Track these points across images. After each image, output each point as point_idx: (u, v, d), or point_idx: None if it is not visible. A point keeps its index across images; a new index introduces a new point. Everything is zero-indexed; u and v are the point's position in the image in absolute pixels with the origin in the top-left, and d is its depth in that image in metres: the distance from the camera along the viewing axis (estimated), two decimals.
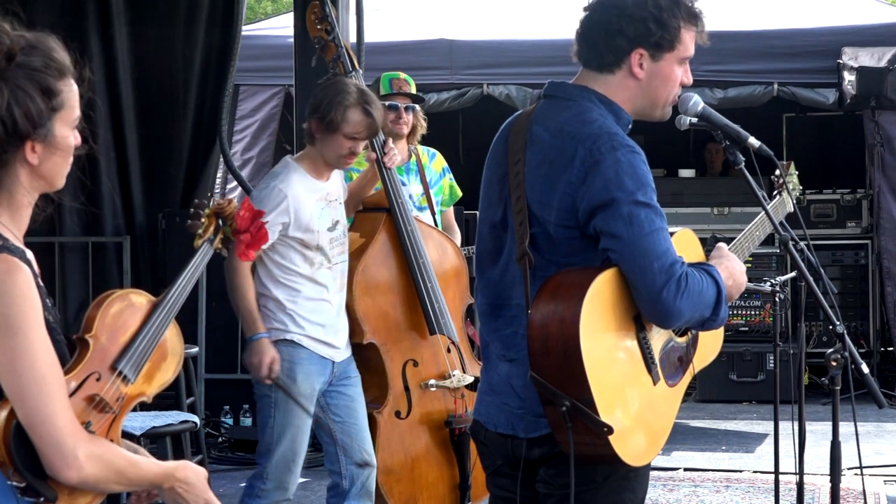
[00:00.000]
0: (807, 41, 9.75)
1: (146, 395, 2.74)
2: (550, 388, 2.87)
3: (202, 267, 2.93)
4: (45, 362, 2.35)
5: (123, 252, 8.42)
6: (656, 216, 2.91)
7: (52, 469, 2.35)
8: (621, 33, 3.03)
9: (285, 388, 4.81)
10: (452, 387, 5.26)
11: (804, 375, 6.79)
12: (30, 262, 2.41)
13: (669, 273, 2.87)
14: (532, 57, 9.63)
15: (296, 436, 4.88)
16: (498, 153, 3.15)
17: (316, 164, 4.92)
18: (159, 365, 2.75)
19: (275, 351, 4.83)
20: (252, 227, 3.05)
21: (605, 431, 2.84)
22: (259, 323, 4.87)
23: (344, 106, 4.83)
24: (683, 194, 10.72)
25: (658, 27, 3.02)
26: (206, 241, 2.98)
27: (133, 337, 2.67)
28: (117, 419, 2.63)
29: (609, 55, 3.05)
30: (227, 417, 8.21)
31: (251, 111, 10.91)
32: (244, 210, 3.05)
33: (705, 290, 2.95)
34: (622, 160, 2.91)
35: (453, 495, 5.28)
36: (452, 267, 5.48)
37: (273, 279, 4.88)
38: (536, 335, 2.91)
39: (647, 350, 2.99)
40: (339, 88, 4.90)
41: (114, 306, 2.67)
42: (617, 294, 2.92)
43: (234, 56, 8.50)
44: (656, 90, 3.08)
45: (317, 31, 5.40)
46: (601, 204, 2.89)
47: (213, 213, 3.01)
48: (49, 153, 2.42)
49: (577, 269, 2.95)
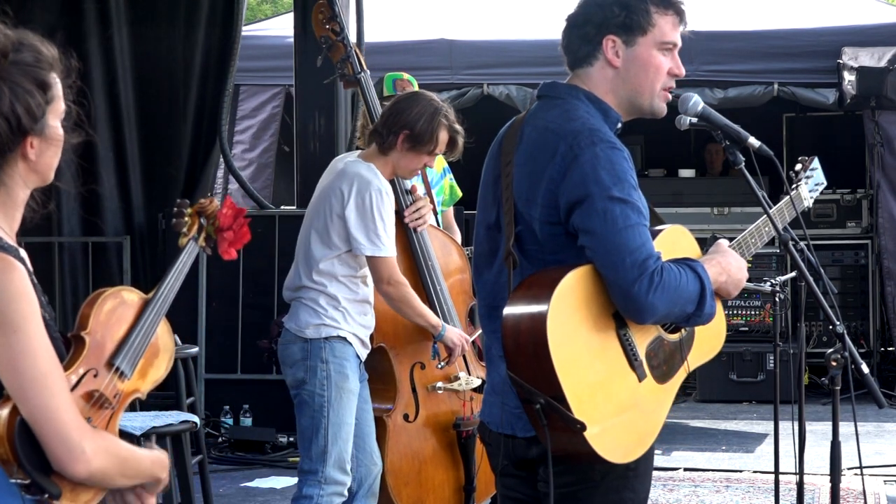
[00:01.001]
0: (807, 41, 9.76)
1: (140, 391, 2.77)
2: (525, 386, 2.87)
3: (189, 264, 2.98)
4: (46, 359, 2.36)
5: (123, 252, 8.43)
6: (632, 212, 2.89)
7: (60, 464, 2.36)
8: (588, 21, 3.06)
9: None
10: (460, 389, 5.26)
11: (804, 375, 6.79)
12: (24, 260, 2.41)
13: (642, 268, 2.86)
14: (532, 57, 9.63)
15: (349, 434, 4.81)
16: (493, 155, 3.17)
17: (385, 172, 4.88)
18: (152, 361, 2.78)
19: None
20: (235, 225, 3.08)
21: (578, 427, 2.83)
22: (436, 317, 5.06)
23: (441, 125, 4.85)
24: (683, 194, 10.73)
25: (621, 9, 3.04)
26: (190, 238, 3.02)
27: (127, 333, 2.70)
28: (114, 415, 2.65)
29: (582, 46, 3.07)
30: (227, 417, 8.21)
31: (252, 111, 10.93)
32: (227, 208, 3.07)
33: (684, 286, 2.93)
34: (600, 155, 2.91)
35: (458, 497, 5.28)
36: (457, 268, 5.49)
37: (334, 277, 4.80)
38: (509, 333, 2.91)
39: (630, 347, 2.97)
40: (434, 106, 4.89)
41: (107, 303, 2.69)
42: (592, 291, 2.91)
43: (234, 56, 8.52)
44: (636, 77, 3.07)
45: (324, 31, 5.34)
46: (578, 200, 2.90)
47: (195, 212, 3.05)
48: (45, 147, 2.43)
49: (553, 267, 2.94)
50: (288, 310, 4.96)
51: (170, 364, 2.87)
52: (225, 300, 8.29)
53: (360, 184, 4.76)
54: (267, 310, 8.15)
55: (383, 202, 4.77)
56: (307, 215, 4.95)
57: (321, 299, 4.80)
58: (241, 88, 10.62)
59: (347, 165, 4.86)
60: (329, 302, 4.80)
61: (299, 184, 8.24)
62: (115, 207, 8.57)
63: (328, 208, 4.80)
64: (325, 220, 4.81)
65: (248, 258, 8.19)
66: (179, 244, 3.05)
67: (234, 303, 8.29)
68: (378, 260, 4.79)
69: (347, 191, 4.76)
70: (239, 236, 3.10)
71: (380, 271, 4.82)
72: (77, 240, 8.47)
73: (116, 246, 8.50)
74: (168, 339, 2.85)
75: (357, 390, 4.86)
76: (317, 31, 5.36)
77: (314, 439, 4.78)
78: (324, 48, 5.37)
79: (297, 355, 4.81)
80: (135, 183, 8.63)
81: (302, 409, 4.82)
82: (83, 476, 2.37)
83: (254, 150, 10.97)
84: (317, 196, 4.92)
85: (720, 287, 3.07)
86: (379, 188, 4.76)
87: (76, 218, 8.50)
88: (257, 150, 10.97)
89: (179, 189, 8.65)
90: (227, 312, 8.30)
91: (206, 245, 3.07)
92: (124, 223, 8.60)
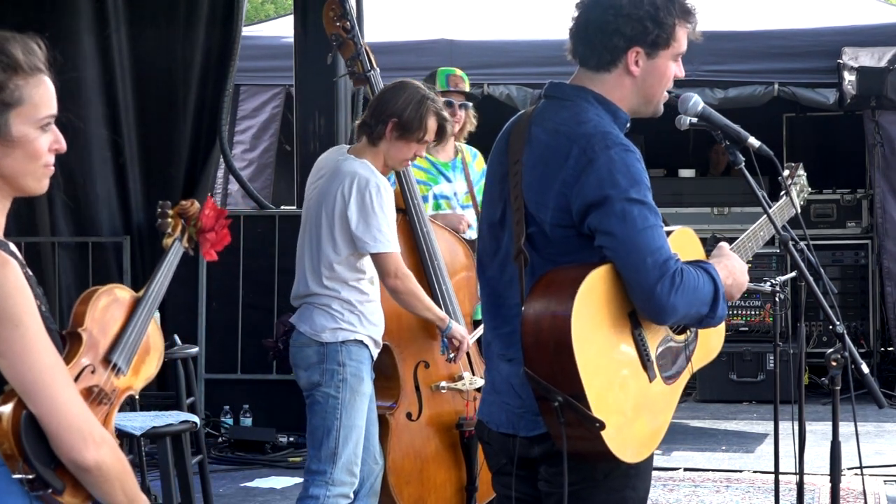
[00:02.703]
0: (807, 41, 9.76)
1: (134, 388, 2.80)
2: (543, 383, 2.87)
3: (175, 263, 3.02)
4: (49, 352, 2.36)
5: (123, 252, 8.42)
6: (650, 213, 2.91)
7: (71, 452, 2.35)
8: (618, 32, 3.03)
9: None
10: (463, 389, 5.26)
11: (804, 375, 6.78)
12: (14, 254, 2.40)
13: (663, 269, 2.87)
14: (532, 57, 9.63)
15: (360, 437, 4.80)
16: (499, 152, 3.16)
17: (377, 165, 4.86)
18: (144, 358, 2.83)
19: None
20: (217, 226, 3.11)
21: (598, 427, 2.84)
22: (442, 311, 5.08)
23: (429, 112, 4.83)
24: (683, 194, 10.73)
25: (655, 26, 3.03)
26: (175, 239, 3.05)
27: (122, 330, 2.72)
28: (111, 412, 2.67)
29: (606, 54, 3.05)
30: (227, 417, 8.21)
31: (252, 111, 10.93)
32: (209, 209, 3.10)
33: (701, 287, 2.95)
34: (615, 158, 2.91)
35: (460, 497, 5.28)
36: (462, 267, 5.49)
37: (342, 281, 4.78)
38: (529, 331, 2.91)
39: (643, 347, 2.98)
40: (421, 93, 4.86)
41: (101, 301, 2.72)
42: (611, 290, 2.92)
43: (234, 56, 8.52)
44: (651, 87, 3.08)
45: (335, 28, 5.32)
46: (595, 202, 2.90)
47: (176, 214, 3.07)
48: (7, 151, 2.37)
49: (571, 265, 2.95)
50: (291, 309, 4.95)
51: (160, 362, 2.92)
52: (225, 300, 8.29)
53: (359, 182, 4.74)
54: (267, 310, 8.15)
55: (382, 197, 4.75)
56: (306, 220, 4.91)
57: (335, 304, 4.78)
58: (241, 88, 10.62)
59: (342, 165, 4.82)
60: (344, 306, 4.78)
61: (299, 184, 8.22)
62: (115, 207, 8.57)
63: (331, 212, 4.77)
64: (330, 225, 4.78)
65: (248, 258, 8.19)
66: (164, 245, 3.10)
67: (234, 303, 8.29)
68: (383, 255, 4.77)
69: (347, 191, 4.74)
70: (220, 237, 3.13)
71: (386, 266, 4.80)
72: (77, 240, 8.47)
73: (116, 246, 8.50)
74: (158, 338, 2.89)
75: (370, 393, 4.86)
76: (327, 28, 5.35)
77: (325, 441, 4.77)
78: (334, 46, 5.37)
79: (313, 358, 4.79)
80: (134, 183, 8.62)
81: (314, 409, 4.81)
82: (91, 463, 2.37)
83: (254, 150, 10.97)
84: (314, 200, 4.88)
85: (727, 290, 3.07)
86: (377, 184, 4.75)
87: (76, 218, 8.50)
88: (257, 150, 10.97)
89: (179, 189, 8.64)
90: (227, 312, 8.30)
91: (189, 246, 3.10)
92: (123, 223, 8.59)
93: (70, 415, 2.35)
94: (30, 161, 2.40)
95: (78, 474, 2.39)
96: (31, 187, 2.44)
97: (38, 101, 2.40)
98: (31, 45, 2.41)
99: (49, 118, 2.42)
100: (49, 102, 2.42)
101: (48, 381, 2.33)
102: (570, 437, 2.88)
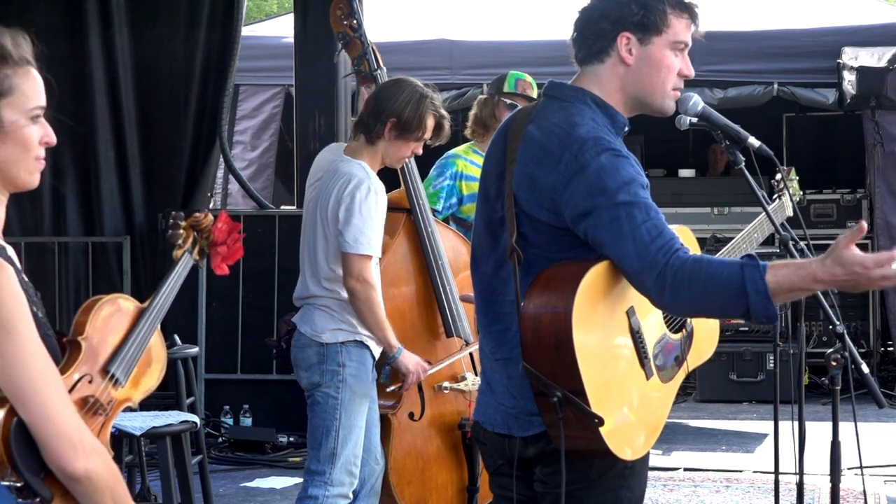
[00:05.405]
0: (807, 41, 9.76)
1: (132, 400, 2.77)
2: (543, 378, 2.87)
3: (184, 276, 2.99)
4: (42, 359, 2.34)
5: (123, 252, 8.42)
6: (639, 211, 2.87)
7: (60, 460, 2.33)
8: (604, 17, 3.05)
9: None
10: (466, 389, 5.26)
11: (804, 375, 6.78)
12: (11, 259, 2.38)
13: (652, 267, 2.83)
14: (532, 57, 9.62)
15: (359, 438, 4.78)
16: (497, 149, 3.15)
17: (374, 164, 4.84)
18: (145, 371, 2.80)
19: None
20: (229, 240, 3.09)
21: (596, 423, 2.84)
22: (394, 338, 4.82)
23: (427, 111, 4.82)
24: (683, 194, 10.73)
25: (639, 7, 3.03)
26: (185, 251, 3.03)
27: (123, 341, 2.69)
28: (106, 423, 2.64)
29: (596, 42, 3.06)
30: (227, 417, 8.21)
31: (252, 111, 10.93)
32: (221, 223, 3.08)
33: (714, 279, 2.80)
34: (605, 164, 2.91)
35: (461, 497, 5.27)
36: (466, 267, 5.47)
37: (339, 282, 4.76)
38: (529, 326, 2.91)
39: (641, 344, 2.99)
40: (419, 92, 4.85)
41: (104, 310, 2.69)
42: (610, 287, 2.93)
43: (235, 56, 8.53)
44: (648, 76, 3.06)
45: (342, 27, 5.30)
46: (585, 211, 2.90)
47: (189, 226, 3.05)
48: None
49: (571, 262, 2.95)
50: (292, 309, 4.94)
51: (161, 375, 2.88)
52: (225, 300, 8.29)
53: (354, 184, 4.72)
54: (267, 310, 8.15)
55: (371, 201, 4.71)
56: (305, 222, 4.91)
57: (335, 305, 4.77)
58: (241, 88, 10.62)
59: (339, 167, 4.80)
60: (343, 307, 4.76)
61: (299, 184, 8.23)
62: (116, 207, 8.57)
63: (325, 214, 4.77)
64: (325, 227, 4.77)
65: (249, 258, 8.14)
66: (174, 256, 3.07)
67: (234, 303, 8.29)
68: (354, 256, 4.68)
69: (342, 194, 4.72)
70: (232, 251, 3.12)
71: (351, 266, 4.69)
72: (77, 240, 8.47)
73: (116, 246, 8.50)
74: (161, 350, 2.86)
75: (370, 394, 4.85)
76: (334, 27, 5.34)
77: (324, 441, 4.76)
78: (340, 44, 5.36)
79: (314, 359, 4.78)
80: (135, 183, 8.62)
81: (314, 409, 4.80)
82: (81, 472, 2.34)
83: (254, 150, 10.97)
84: (312, 202, 4.88)
85: (778, 284, 2.86)
86: (370, 187, 4.72)
87: (76, 218, 8.50)
88: (257, 151, 10.98)
89: (180, 189, 8.65)
90: (227, 312, 8.30)
91: (200, 259, 3.08)
92: (124, 223, 8.60)
93: (60, 423, 2.32)
94: (21, 150, 2.39)
95: (67, 483, 2.36)
96: (24, 180, 2.42)
97: (28, 92, 2.39)
98: (20, 37, 2.40)
99: (38, 109, 2.41)
100: (38, 94, 2.41)
101: (39, 388, 2.31)
102: (568, 436, 2.89)
